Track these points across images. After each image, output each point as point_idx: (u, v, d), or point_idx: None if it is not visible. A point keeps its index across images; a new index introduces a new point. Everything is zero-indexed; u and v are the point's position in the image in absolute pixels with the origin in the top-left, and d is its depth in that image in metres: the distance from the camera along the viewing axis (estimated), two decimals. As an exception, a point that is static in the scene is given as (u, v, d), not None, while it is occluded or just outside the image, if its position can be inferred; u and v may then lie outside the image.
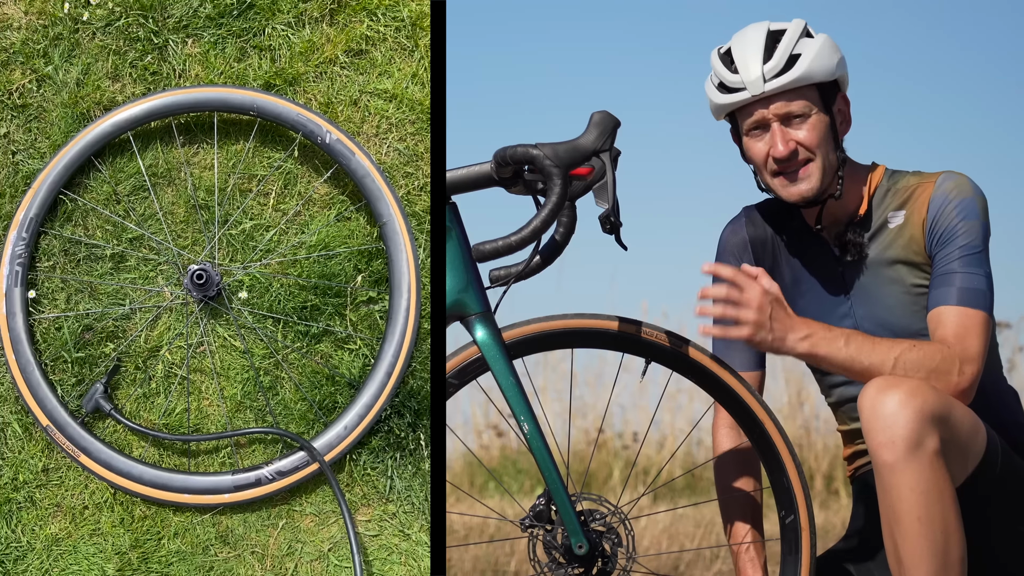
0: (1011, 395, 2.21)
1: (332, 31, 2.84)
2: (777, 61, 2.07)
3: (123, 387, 2.78)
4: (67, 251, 2.79)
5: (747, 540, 2.15)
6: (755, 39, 2.10)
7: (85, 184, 2.81)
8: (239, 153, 2.81)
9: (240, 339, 2.77)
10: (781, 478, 2.06)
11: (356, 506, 2.72)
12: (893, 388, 1.86)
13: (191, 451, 2.75)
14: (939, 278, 2.05)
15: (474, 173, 1.97)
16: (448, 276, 1.95)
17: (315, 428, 2.74)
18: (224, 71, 2.81)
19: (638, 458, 5.74)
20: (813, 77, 2.08)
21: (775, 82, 2.07)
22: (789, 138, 2.09)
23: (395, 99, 2.81)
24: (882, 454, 1.85)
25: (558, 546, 1.94)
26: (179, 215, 2.82)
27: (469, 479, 5.75)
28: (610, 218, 1.90)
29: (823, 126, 2.10)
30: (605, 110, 1.93)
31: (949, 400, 1.92)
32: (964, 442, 1.94)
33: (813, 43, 2.09)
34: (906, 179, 2.15)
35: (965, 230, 2.05)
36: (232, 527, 2.71)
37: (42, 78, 2.83)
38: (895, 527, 1.87)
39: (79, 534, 2.72)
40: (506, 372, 1.93)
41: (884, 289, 2.14)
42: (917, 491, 1.84)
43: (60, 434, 2.64)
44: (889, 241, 2.14)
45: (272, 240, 2.79)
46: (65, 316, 2.76)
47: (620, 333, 2.05)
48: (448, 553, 3.83)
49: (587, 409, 5.95)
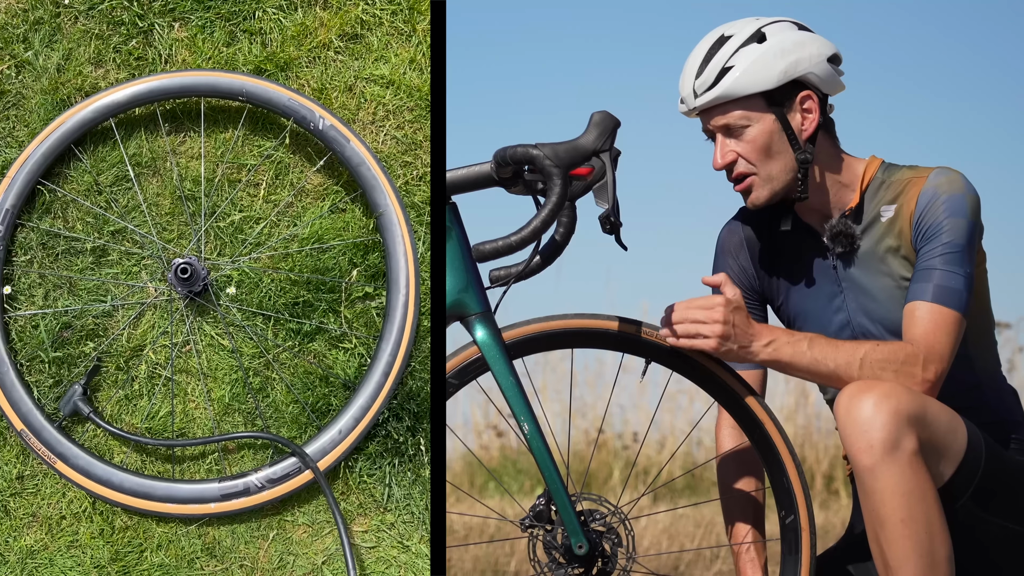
0: (1010, 394, 2.22)
1: (326, 14, 2.82)
2: (707, 76, 2.10)
3: (104, 389, 2.73)
4: (45, 244, 2.75)
5: (748, 540, 2.18)
6: (699, 50, 2.13)
7: (65, 174, 2.77)
8: (227, 141, 2.78)
9: (228, 338, 2.73)
10: (781, 478, 2.08)
11: (352, 516, 2.67)
12: (867, 392, 1.89)
13: (175, 457, 2.72)
14: (919, 273, 2.06)
15: (474, 173, 2.00)
16: (448, 276, 1.99)
17: (308, 432, 2.70)
18: (212, 56, 2.78)
19: (638, 458, 5.81)
20: (742, 90, 2.08)
21: (703, 97, 2.11)
22: (727, 150, 2.13)
23: (392, 85, 2.79)
24: (861, 458, 1.87)
25: (558, 546, 1.98)
26: (164, 207, 2.77)
27: (469, 479, 5.81)
28: (610, 218, 1.93)
29: (765, 135, 2.11)
30: (605, 110, 1.95)
31: (924, 400, 1.94)
32: (943, 441, 1.95)
33: (752, 52, 2.08)
34: (901, 172, 2.15)
35: (950, 227, 2.05)
36: (219, 538, 2.67)
37: (21, 64, 2.79)
38: (879, 530, 1.89)
39: (56, 546, 2.68)
40: (506, 372, 1.97)
41: (876, 282, 2.14)
42: (898, 493, 1.86)
43: (35, 439, 2.59)
44: (881, 234, 2.14)
45: (262, 233, 2.75)
46: (43, 313, 2.71)
47: (620, 333, 2.08)
48: (448, 553, 3.88)
49: (587, 409, 6.03)
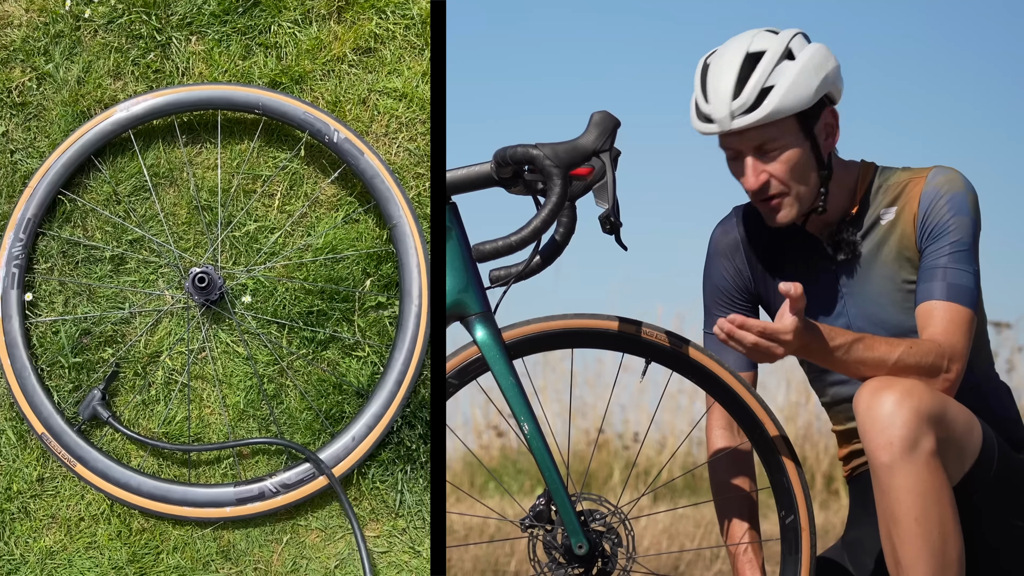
0: (1004, 391, 2.20)
1: (340, 28, 2.81)
2: (746, 97, 1.99)
3: (122, 394, 2.71)
4: (65, 253, 2.74)
5: (744, 541, 2.14)
6: (730, 66, 2.01)
7: (85, 184, 2.76)
8: (243, 153, 2.77)
9: (243, 345, 2.70)
10: (781, 478, 2.04)
11: (364, 521, 2.65)
12: (888, 389, 1.85)
13: (192, 461, 2.69)
14: (927, 272, 2.03)
15: (474, 173, 1.97)
16: (448, 276, 1.96)
17: (321, 438, 2.68)
18: (229, 69, 2.77)
19: (638, 458, 5.74)
20: (784, 111, 2.00)
21: (743, 119, 1.99)
22: (761, 170, 2.04)
23: (405, 98, 2.78)
24: (879, 455, 1.83)
25: (558, 546, 1.94)
26: (181, 216, 2.76)
27: (469, 479, 5.74)
28: (610, 218, 1.89)
29: (798, 156, 2.04)
30: (605, 110, 1.91)
31: (944, 399, 1.90)
32: (960, 441, 1.92)
33: (790, 70, 2.00)
34: (897, 175, 2.12)
35: (956, 226, 2.02)
36: (234, 542, 2.64)
37: (42, 76, 2.79)
38: (893, 528, 1.85)
39: (74, 547, 2.66)
40: (506, 372, 1.93)
41: (877, 286, 2.11)
42: (914, 492, 1.82)
43: (56, 442, 2.58)
44: (881, 238, 2.10)
45: (277, 243, 2.74)
46: (63, 320, 2.70)
47: (620, 333, 2.04)
48: (448, 553, 3.84)
49: (587, 409, 5.96)
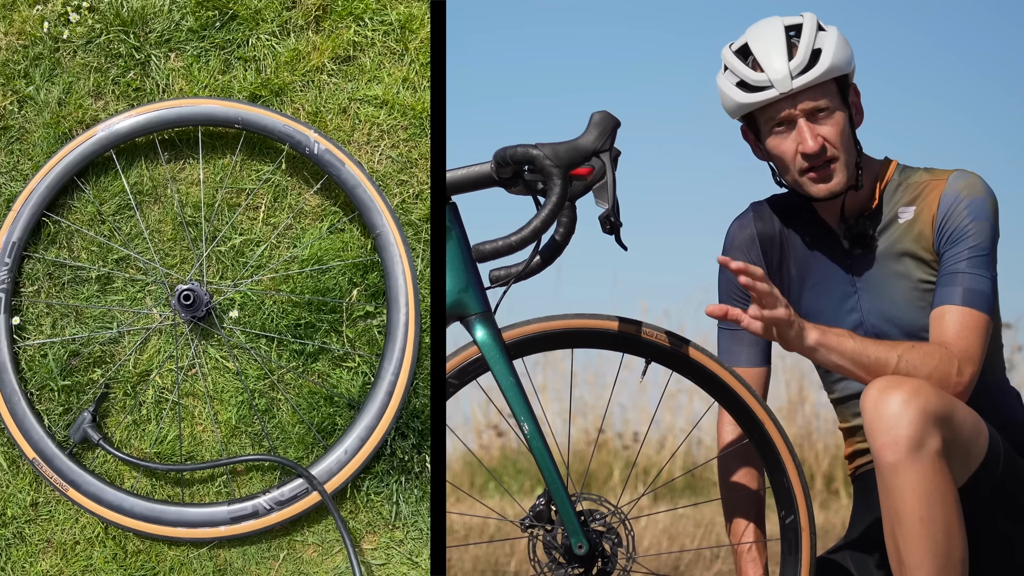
0: (1013, 396, 2.16)
1: (318, 38, 2.73)
2: (802, 58, 2.01)
3: (112, 415, 2.63)
4: (51, 275, 2.67)
5: (749, 538, 2.11)
6: (775, 35, 2.04)
7: (68, 205, 2.70)
8: (226, 167, 2.70)
9: (233, 360, 2.63)
10: (781, 478, 2.02)
11: (361, 534, 2.56)
12: (896, 388, 1.82)
13: (185, 481, 2.61)
14: (945, 277, 2.01)
15: (474, 173, 1.93)
16: (448, 276, 1.92)
17: (314, 452, 2.60)
18: (208, 84, 2.71)
19: (638, 458, 5.68)
20: (837, 70, 2.03)
21: (802, 78, 2.01)
22: (816, 133, 2.04)
23: (386, 105, 2.70)
24: (885, 455, 1.81)
25: (558, 546, 1.90)
26: (166, 233, 2.69)
27: (469, 479, 5.67)
28: (610, 218, 1.87)
29: (844, 120, 2.05)
30: (605, 110, 1.88)
31: (952, 400, 1.87)
32: (966, 442, 1.89)
33: (830, 36, 2.04)
34: (918, 175, 2.10)
35: (975, 231, 2.00)
36: (231, 560, 2.56)
37: (23, 99, 2.73)
38: (897, 528, 1.83)
39: (71, 571, 2.58)
40: (506, 372, 1.90)
41: (891, 283, 2.08)
42: (919, 492, 1.80)
43: (47, 467, 2.50)
44: (898, 235, 2.08)
45: (263, 255, 2.67)
46: (51, 342, 2.63)
47: (620, 333, 2.01)
48: (448, 553, 3.77)
49: (587, 409, 5.87)
